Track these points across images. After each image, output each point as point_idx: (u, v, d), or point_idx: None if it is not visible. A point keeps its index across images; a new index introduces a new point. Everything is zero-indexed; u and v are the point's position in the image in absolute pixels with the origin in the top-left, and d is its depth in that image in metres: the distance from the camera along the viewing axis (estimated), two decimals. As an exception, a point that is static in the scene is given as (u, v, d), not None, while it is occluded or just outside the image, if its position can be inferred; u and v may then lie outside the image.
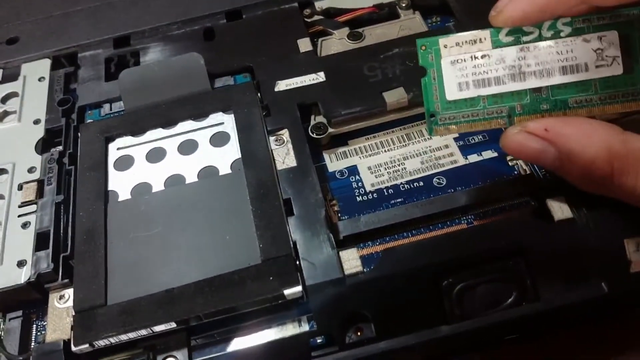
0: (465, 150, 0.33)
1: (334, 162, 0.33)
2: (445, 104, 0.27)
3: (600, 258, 0.27)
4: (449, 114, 0.27)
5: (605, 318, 0.29)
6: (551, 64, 0.26)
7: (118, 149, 0.34)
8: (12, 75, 0.39)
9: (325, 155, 0.34)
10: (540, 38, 0.26)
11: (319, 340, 0.27)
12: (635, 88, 0.26)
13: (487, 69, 0.27)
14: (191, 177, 0.32)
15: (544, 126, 0.26)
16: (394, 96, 0.33)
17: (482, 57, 0.27)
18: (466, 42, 0.27)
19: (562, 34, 0.26)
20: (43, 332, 0.29)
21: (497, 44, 0.27)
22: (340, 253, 0.28)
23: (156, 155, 0.33)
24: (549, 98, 0.26)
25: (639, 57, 0.26)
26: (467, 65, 0.27)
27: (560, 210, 0.28)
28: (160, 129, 0.34)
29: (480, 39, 0.27)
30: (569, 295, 0.27)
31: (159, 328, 0.27)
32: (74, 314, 0.27)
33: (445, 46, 0.27)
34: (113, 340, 0.27)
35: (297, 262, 0.28)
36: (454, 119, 0.27)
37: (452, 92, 0.27)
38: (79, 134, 0.34)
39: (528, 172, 0.31)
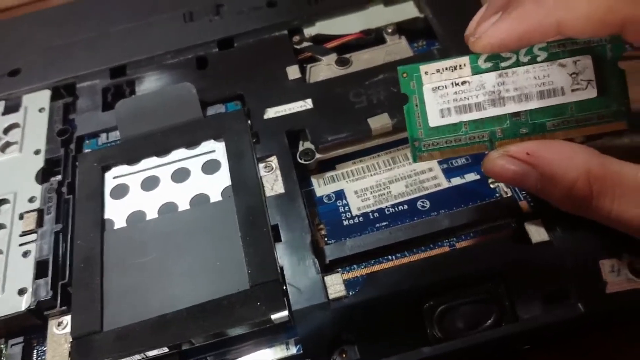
0: (449, 173, 0.34)
1: (322, 187, 0.34)
2: (427, 130, 0.28)
3: (576, 279, 0.28)
4: (432, 141, 0.28)
5: (584, 337, 0.30)
6: (529, 89, 0.27)
7: (114, 177, 0.35)
8: (13, 107, 0.40)
9: (314, 180, 0.35)
10: (518, 63, 0.27)
11: (305, 363, 0.28)
12: (609, 110, 0.27)
13: (467, 95, 0.28)
14: (183, 205, 0.33)
15: (526, 150, 0.27)
16: (379, 122, 0.34)
17: (463, 83, 0.28)
18: (446, 68, 0.28)
19: (538, 59, 0.27)
20: (43, 357, 0.30)
21: (476, 70, 0.27)
22: (325, 278, 0.29)
23: (150, 184, 0.34)
24: (527, 122, 0.27)
25: (611, 80, 0.27)
26: (448, 92, 0.28)
27: (537, 233, 0.29)
28: (155, 157, 0.35)
29: (460, 65, 0.28)
30: (547, 315, 0.28)
31: (152, 353, 0.28)
32: (71, 340, 0.29)
33: (425, 73, 0.28)
34: (109, 365, 0.28)
35: (284, 287, 0.29)
36: (437, 145, 0.28)
37: (434, 119, 0.28)
38: (77, 164, 0.36)
39: (509, 194, 0.32)
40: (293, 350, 0.29)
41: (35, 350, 0.31)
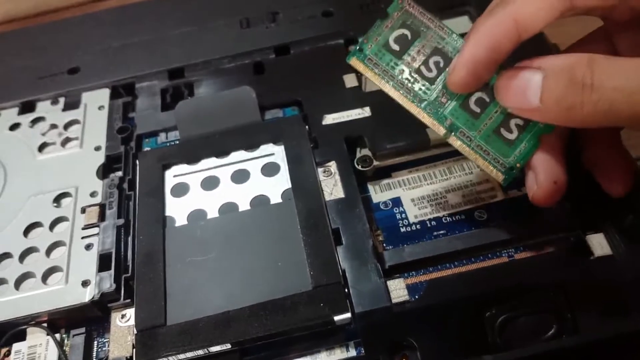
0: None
1: (379, 194, 0.35)
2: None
3: (639, 294, 0.28)
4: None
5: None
6: None
7: (174, 176, 0.36)
8: (73, 103, 0.41)
9: (370, 187, 0.35)
10: None
11: (365, 365, 0.29)
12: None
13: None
14: (244, 205, 0.34)
15: None
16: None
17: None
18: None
19: None
20: (104, 349, 0.31)
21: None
22: (388, 282, 0.29)
23: (210, 183, 0.35)
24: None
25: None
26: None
27: (599, 246, 0.30)
28: (214, 158, 0.36)
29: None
30: (608, 329, 0.28)
31: (215, 349, 0.29)
32: (135, 332, 0.29)
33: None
34: (172, 359, 0.28)
35: (346, 290, 0.29)
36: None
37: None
38: (138, 162, 0.36)
39: (568, 208, 0.32)
40: (353, 352, 0.29)
41: (95, 342, 0.31)
